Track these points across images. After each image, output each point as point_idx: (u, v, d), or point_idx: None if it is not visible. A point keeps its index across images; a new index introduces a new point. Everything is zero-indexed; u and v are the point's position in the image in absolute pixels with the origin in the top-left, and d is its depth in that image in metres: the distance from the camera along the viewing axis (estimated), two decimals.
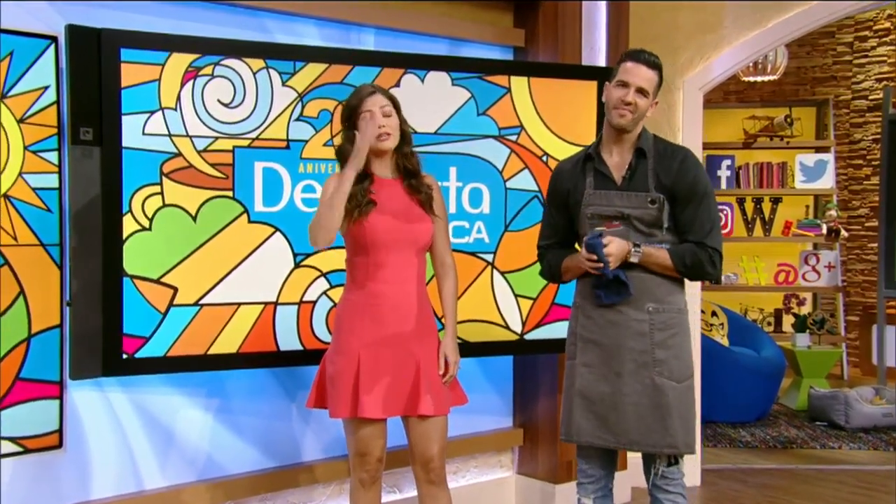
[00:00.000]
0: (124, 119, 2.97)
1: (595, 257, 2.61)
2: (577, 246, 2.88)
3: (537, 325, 3.70)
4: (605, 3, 4.08)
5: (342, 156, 2.77)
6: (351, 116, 2.76)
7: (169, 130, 3.05)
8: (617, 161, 2.73)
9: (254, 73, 3.19)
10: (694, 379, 2.75)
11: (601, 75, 3.74)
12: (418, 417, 2.74)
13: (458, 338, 2.90)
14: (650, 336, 2.66)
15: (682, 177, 2.66)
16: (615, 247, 2.60)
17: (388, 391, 2.70)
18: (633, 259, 2.64)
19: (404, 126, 2.81)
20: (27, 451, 2.94)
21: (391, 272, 2.74)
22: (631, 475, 4.04)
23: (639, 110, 2.68)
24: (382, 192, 2.76)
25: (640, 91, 2.67)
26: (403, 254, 2.75)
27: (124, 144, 2.98)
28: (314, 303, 3.33)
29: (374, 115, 2.69)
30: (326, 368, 2.81)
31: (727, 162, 7.07)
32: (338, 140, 2.96)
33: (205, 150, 3.12)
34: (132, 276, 3.01)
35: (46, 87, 2.93)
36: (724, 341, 6.14)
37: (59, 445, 3.01)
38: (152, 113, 3.02)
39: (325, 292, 3.34)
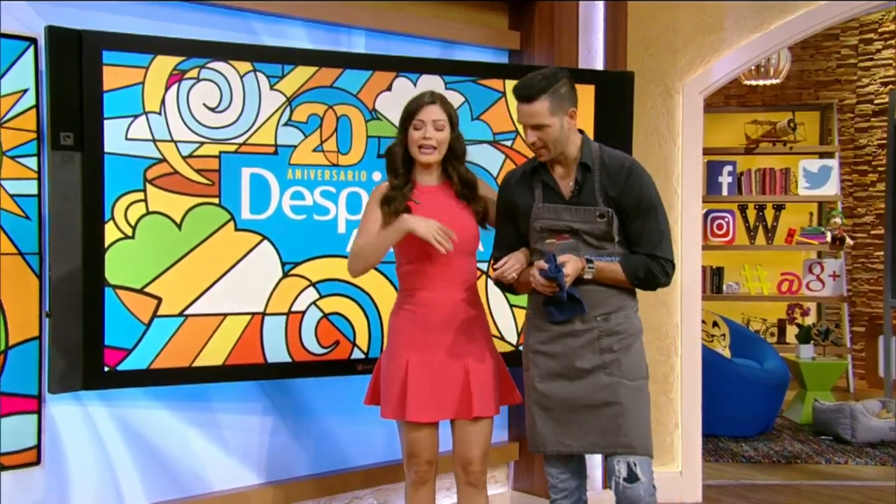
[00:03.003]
0: (106, 123, 2.98)
1: (553, 284, 2.65)
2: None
3: None
4: (602, 3, 4.10)
5: (389, 156, 2.90)
6: (406, 120, 2.86)
7: (153, 135, 3.06)
8: (562, 174, 2.79)
9: (241, 77, 3.20)
10: (647, 382, 2.82)
11: (598, 79, 3.77)
12: (465, 420, 2.86)
13: None
14: (598, 341, 2.75)
15: (628, 189, 2.72)
16: (570, 267, 2.66)
17: (436, 396, 2.84)
18: (588, 276, 2.71)
19: (455, 143, 2.88)
20: (3, 468, 2.93)
21: (437, 279, 2.85)
22: None
23: (551, 141, 2.71)
24: (425, 199, 2.86)
25: (537, 127, 2.69)
26: (449, 260, 2.83)
27: (106, 150, 2.98)
28: (303, 313, 3.34)
29: (433, 231, 2.72)
30: (381, 369, 2.96)
31: (728, 168, 7.10)
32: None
33: (190, 156, 3.12)
34: (114, 286, 3.01)
35: (25, 91, 2.93)
36: (726, 353, 6.15)
37: (37, 462, 3.00)
38: (136, 117, 3.03)
39: (314, 302, 3.35)
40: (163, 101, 3.07)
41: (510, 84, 3.65)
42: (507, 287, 2.93)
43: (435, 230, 2.70)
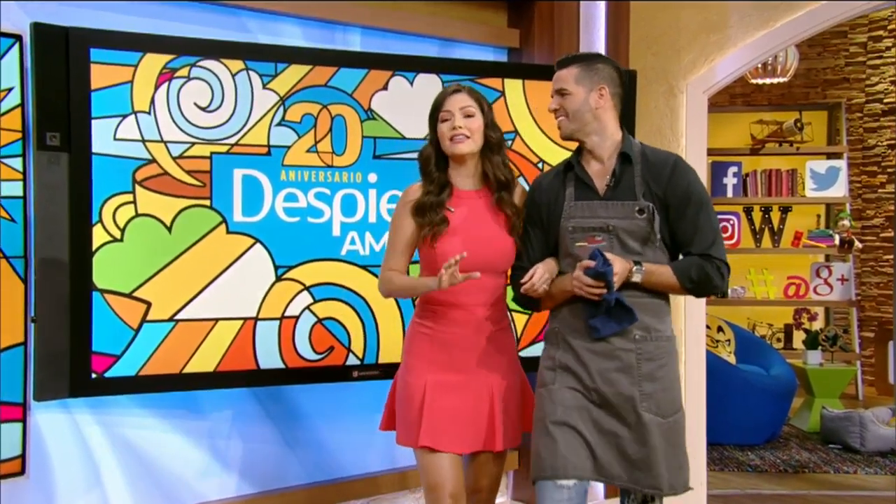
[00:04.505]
0: (94, 123, 2.97)
1: (602, 283, 2.44)
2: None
3: (533, 342, 3.70)
4: (603, 1, 4.11)
5: (421, 160, 2.76)
6: (433, 115, 2.73)
7: (142, 135, 3.06)
8: (599, 169, 2.62)
9: (233, 75, 3.20)
10: (682, 413, 2.65)
11: None
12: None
13: None
14: (637, 368, 2.54)
15: (674, 185, 2.55)
16: (619, 265, 2.46)
17: (456, 423, 2.68)
18: (636, 278, 2.50)
19: (490, 131, 2.71)
20: None
21: (465, 297, 2.68)
22: None
23: (570, 110, 2.60)
24: (461, 208, 2.70)
25: (560, 92, 2.62)
26: (477, 279, 2.62)
27: (94, 150, 2.98)
28: (297, 318, 3.33)
29: (450, 273, 2.51)
30: (396, 391, 2.81)
31: (734, 169, 7.10)
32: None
33: (180, 157, 3.12)
34: (102, 291, 3.00)
35: (10, 89, 2.92)
36: (731, 359, 6.15)
37: (22, 472, 2.99)
38: (124, 117, 3.02)
39: (308, 307, 3.34)
40: (152, 101, 3.07)
41: (509, 83, 3.65)
42: (532, 303, 2.70)
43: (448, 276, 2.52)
